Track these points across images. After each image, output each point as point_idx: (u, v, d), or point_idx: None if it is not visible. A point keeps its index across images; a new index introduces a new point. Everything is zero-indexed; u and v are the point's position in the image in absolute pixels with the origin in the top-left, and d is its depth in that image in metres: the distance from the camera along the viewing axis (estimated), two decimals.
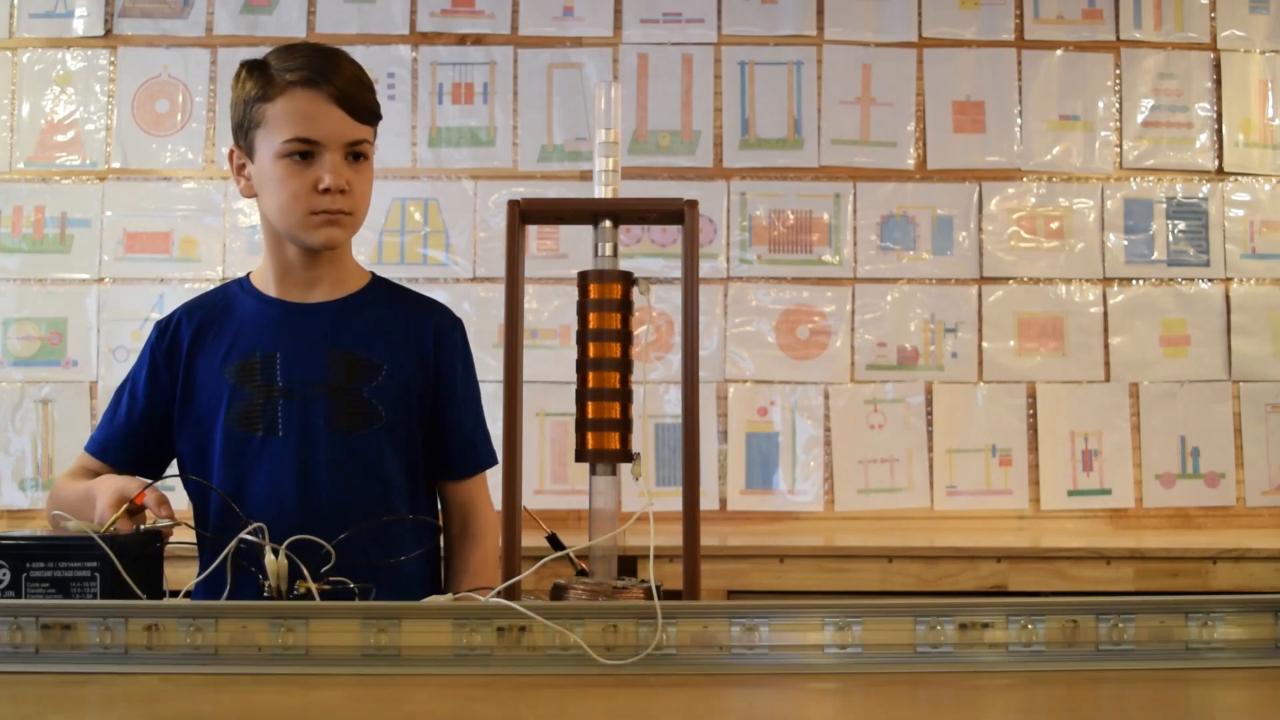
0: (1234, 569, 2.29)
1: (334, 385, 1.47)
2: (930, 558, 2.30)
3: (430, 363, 1.53)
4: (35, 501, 2.80)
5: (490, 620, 0.96)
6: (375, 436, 1.48)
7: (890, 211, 2.91)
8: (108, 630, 0.96)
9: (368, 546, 1.43)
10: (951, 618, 0.97)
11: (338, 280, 1.53)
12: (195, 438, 1.48)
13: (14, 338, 2.85)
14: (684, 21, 2.93)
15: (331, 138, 1.42)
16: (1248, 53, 2.96)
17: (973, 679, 0.94)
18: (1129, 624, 0.97)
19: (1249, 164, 2.94)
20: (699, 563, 1.05)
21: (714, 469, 2.84)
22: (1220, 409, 2.89)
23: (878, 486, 2.85)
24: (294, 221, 1.44)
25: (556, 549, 1.19)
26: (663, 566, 1.52)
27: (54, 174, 2.89)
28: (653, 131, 2.92)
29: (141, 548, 1.15)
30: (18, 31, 2.92)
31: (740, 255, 2.89)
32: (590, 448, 1.07)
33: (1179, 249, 2.92)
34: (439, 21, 2.92)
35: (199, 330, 1.51)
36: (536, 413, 2.83)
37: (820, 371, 2.87)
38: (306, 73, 1.42)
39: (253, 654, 0.96)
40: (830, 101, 2.93)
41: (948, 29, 2.94)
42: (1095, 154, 2.93)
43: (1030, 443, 2.87)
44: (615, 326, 1.09)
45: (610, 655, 0.95)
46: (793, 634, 0.97)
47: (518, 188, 2.89)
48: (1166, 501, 2.86)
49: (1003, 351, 2.89)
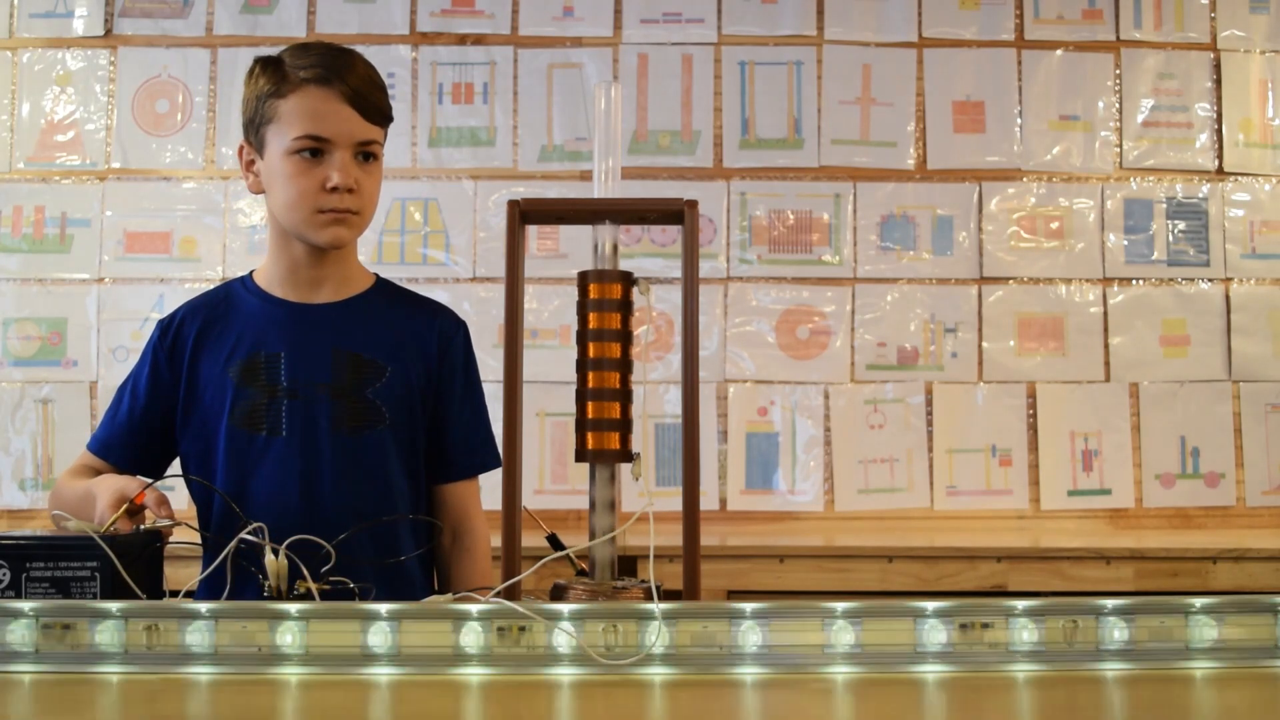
0: (1234, 569, 2.29)
1: (338, 386, 1.47)
2: (930, 558, 2.30)
3: (434, 365, 1.54)
4: (35, 501, 2.80)
5: (490, 620, 0.96)
6: (378, 438, 1.48)
7: (890, 211, 2.91)
8: (108, 630, 0.96)
9: (369, 547, 1.44)
10: (951, 618, 0.97)
11: (343, 281, 1.53)
12: (200, 437, 1.48)
13: (14, 338, 2.85)
14: (684, 21, 2.93)
15: (342, 136, 1.43)
16: (1248, 53, 2.96)
17: (973, 679, 0.94)
18: (1129, 624, 0.97)
19: (1249, 164, 2.94)
20: (699, 563, 1.05)
21: (714, 469, 2.84)
22: (1220, 409, 2.88)
23: (878, 486, 2.85)
24: (301, 219, 1.44)
25: (556, 549, 1.19)
26: (663, 566, 1.52)
27: (54, 174, 2.89)
28: (653, 131, 2.92)
29: (141, 548, 1.14)
30: (18, 31, 2.92)
31: (740, 255, 2.89)
32: (590, 448, 1.07)
33: (1179, 249, 2.92)
34: (439, 21, 2.92)
35: (203, 329, 1.51)
36: (536, 413, 2.83)
37: (820, 371, 2.87)
38: (320, 70, 1.42)
39: (253, 654, 0.96)
40: (830, 101, 2.93)
41: (948, 29, 2.94)
42: (1095, 154, 2.93)
43: (1030, 443, 2.87)
44: (615, 326, 1.09)
45: (610, 655, 0.95)
46: (793, 634, 0.97)
47: (518, 188, 2.89)
48: (1166, 501, 2.86)
49: (1003, 351, 2.89)
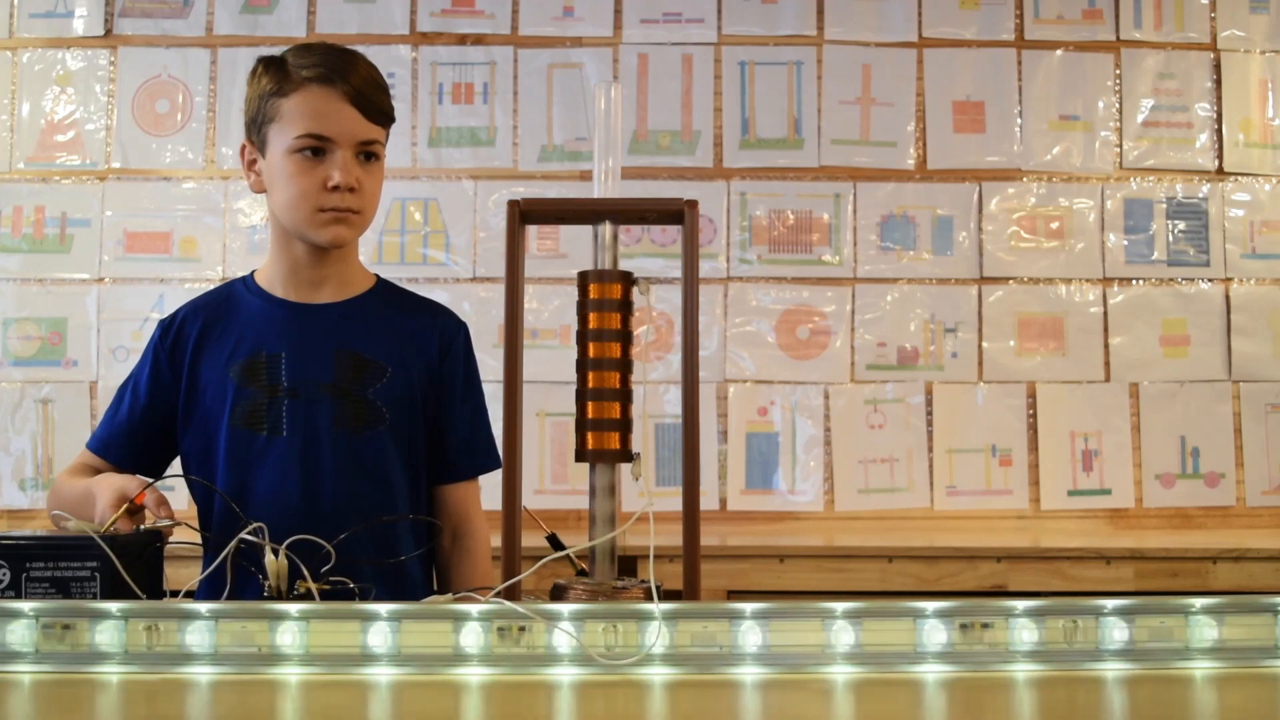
0: (1234, 569, 2.29)
1: (339, 386, 1.47)
2: (930, 558, 2.30)
3: (434, 366, 1.54)
4: (35, 501, 2.80)
5: (490, 620, 0.96)
6: (379, 438, 1.48)
7: (890, 211, 2.91)
8: (108, 630, 0.96)
9: (369, 547, 1.44)
10: (951, 618, 0.97)
11: (344, 281, 1.54)
12: (201, 436, 1.48)
13: (14, 338, 2.85)
14: (684, 21, 2.93)
15: (343, 136, 1.43)
16: (1248, 53, 2.96)
17: (973, 679, 0.94)
18: (1129, 624, 0.97)
19: (1249, 164, 2.94)
20: (699, 563, 1.05)
21: (714, 469, 2.84)
22: (1220, 409, 2.88)
23: (878, 486, 2.85)
24: (301, 218, 1.44)
25: (556, 549, 1.19)
26: (663, 566, 1.52)
27: (54, 174, 2.89)
28: (653, 131, 2.92)
29: (141, 548, 1.15)
30: (18, 31, 2.92)
31: (740, 255, 2.89)
32: (590, 448, 1.07)
33: (1179, 249, 2.92)
34: (439, 21, 2.92)
35: (204, 329, 1.51)
36: (536, 413, 2.83)
37: (820, 371, 2.87)
38: (322, 70, 1.43)
39: (253, 654, 0.96)
40: (830, 101, 2.93)
41: (948, 29, 2.94)
42: (1095, 154, 2.93)
43: (1030, 443, 2.87)
44: (615, 326, 1.09)
45: (610, 655, 0.95)
46: (793, 634, 0.97)
47: (518, 188, 2.89)
48: (1166, 501, 2.86)
49: (1003, 351, 2.89)
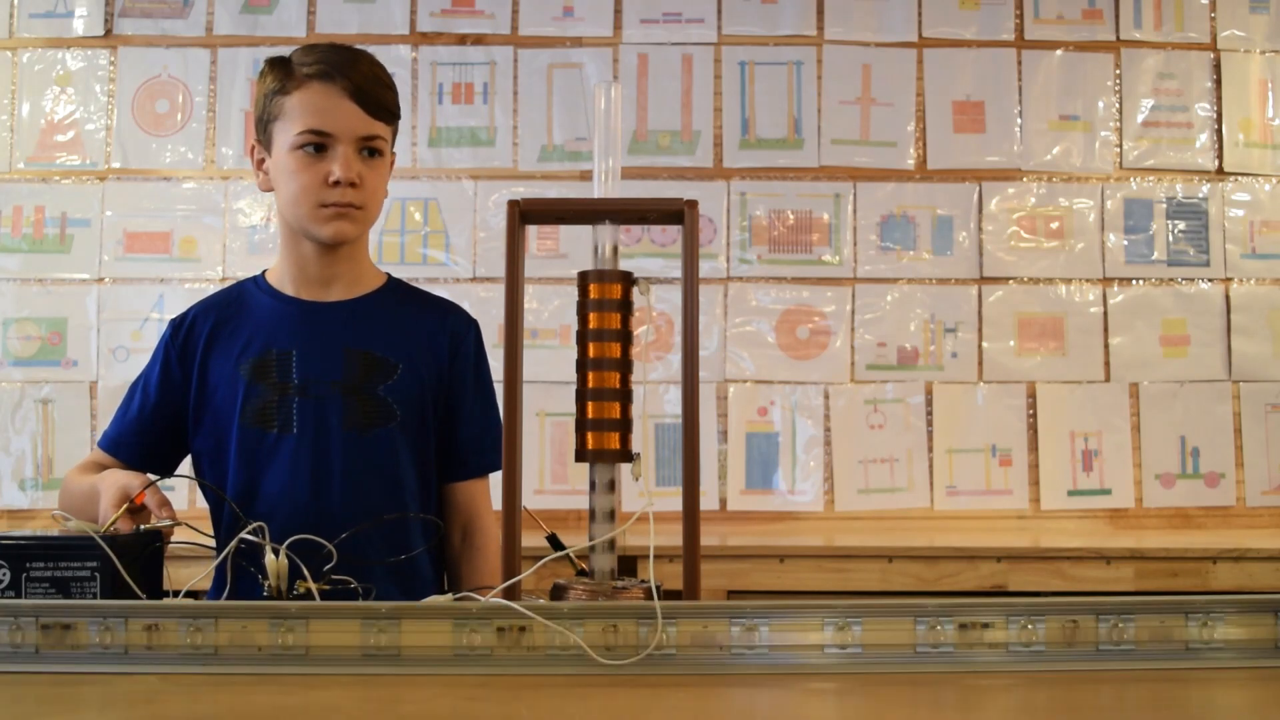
0: (1234, 569, 2.29)
1: (349, 384, 1.48)
2: (930, 558, 2.30)
3: (445, 364, 1.54)
4: (35, 501, 2.80)
5: (490, 620, 0.96)
6: (389, 436, 1.48)
7: (890, 211, 2.91)
8: (108, 630, 0.96)
9: (380, 545, 1.44)
10: (951, 618, 0.97)
11: (354, 279, 1.54)
12: (212, 435, 1.49)
13: (14, 338, 2.85)
14: (684, 21, 2.93)
15: (344, 131, 1.44)
16: (1248, 53, 2.96)
17: (973, 679, 0.94)
18: (1129, 624, 0.97)
19: (1249, 164, 2.94)
20: (699, 563, 1.05)
21: (714, 469, 2.84)
22: (1220, 409, 2.88)
23: (878, 486, 2.85)
24: (304, 214, 1.45)
25: (556, 549, 1.19)
26: (663, 566, 1.52)
27: (54, 174, 2.89)
28: (653, 131, 2.92)
29: (141, 548, 1.15)
30: (18, 31, 2.92)
31: (740, 255, 2.89)
32: (590, 448, 1.07)
33: (1179, 249, 2.92)
34: (439, 21, 2.92)
35: (215, 328, 1.51)
36: (536, 413, 2.83)
37: (820, 371, 2.87)
38: (323, 66, 1.44)
39: (253, 654, 0.95)
40: (830, 101, 2.93)
41: (948, 29, 2.94)
42: (1095, 154, 2.93)
43: (1030, 443, 2.87)
44: (615, 326, 1.08)
45: (610, 655, 0.95)
46: (793, 634, 0.97)
47: (518, 188, 2.89)
48: (1166, 501, 2.86)
49: (1003, 351, 2.89)
